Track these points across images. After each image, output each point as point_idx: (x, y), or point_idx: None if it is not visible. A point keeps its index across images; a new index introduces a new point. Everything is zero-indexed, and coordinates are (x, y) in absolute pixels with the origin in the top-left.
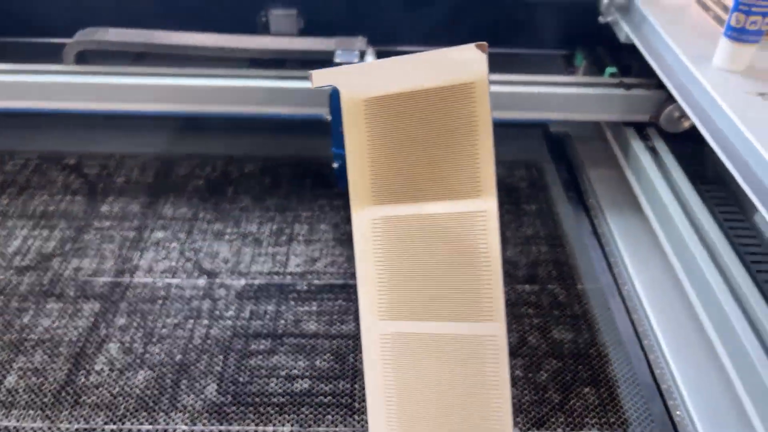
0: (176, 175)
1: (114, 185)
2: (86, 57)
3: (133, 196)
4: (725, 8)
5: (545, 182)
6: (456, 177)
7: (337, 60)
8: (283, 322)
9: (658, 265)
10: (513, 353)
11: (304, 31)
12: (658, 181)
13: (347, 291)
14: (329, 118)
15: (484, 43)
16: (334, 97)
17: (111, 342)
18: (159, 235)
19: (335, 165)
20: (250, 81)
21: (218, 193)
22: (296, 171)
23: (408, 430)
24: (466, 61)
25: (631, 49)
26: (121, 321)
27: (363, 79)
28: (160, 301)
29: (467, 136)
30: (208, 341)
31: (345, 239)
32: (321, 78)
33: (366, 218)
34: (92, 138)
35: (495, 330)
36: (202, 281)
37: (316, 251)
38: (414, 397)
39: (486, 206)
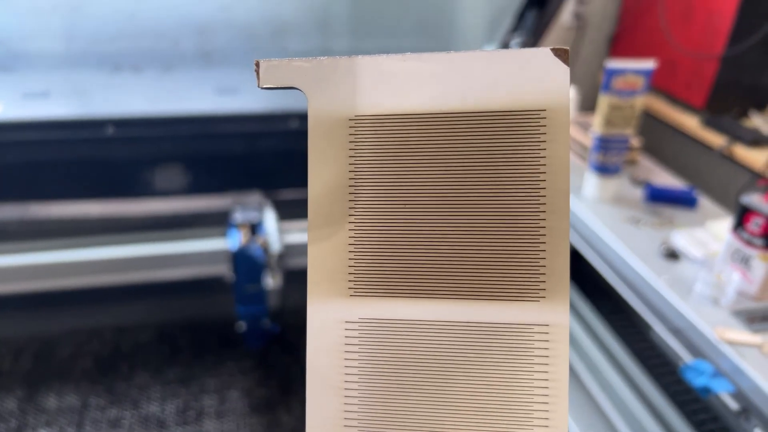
0: (59, 357)
1: None
2: None
3: (7, 389)
4: (580, 145)
5: None
6: (504, 265)
7: (238, 219)
8: None
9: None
10: None
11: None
12: None
13: None
14: (232, 277)
15: (566, 48)
16: (238, 256)
17: None
18: None
19: (242, 326)
20: (137, 248)
21: (110, 372)
22: (196, 335)
23: None
24: (535, 74)
25: None
26: None
27: (350, 84)
28: None
29: (528, 198)
30: None
31: (262, 404)
32: (273, 74)
33: (332, 318)
34: None
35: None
36: None
37: (230, 424)
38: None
39: (552, 318)
